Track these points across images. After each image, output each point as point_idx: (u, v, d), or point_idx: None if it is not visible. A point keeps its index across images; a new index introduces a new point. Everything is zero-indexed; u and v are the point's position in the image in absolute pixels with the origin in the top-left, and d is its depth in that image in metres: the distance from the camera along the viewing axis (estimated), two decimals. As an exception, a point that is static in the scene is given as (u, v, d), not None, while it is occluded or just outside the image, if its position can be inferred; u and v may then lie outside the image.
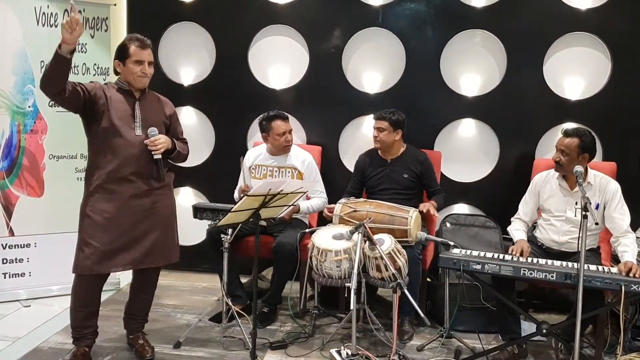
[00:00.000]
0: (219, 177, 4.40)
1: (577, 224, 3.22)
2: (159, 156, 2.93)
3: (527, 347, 3.23)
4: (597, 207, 3.23)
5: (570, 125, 4.05)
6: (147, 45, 2.92)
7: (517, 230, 3.38)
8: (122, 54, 2.90)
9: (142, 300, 3.21)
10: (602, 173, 3.33)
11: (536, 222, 3.50)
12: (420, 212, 3.54)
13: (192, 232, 4.34)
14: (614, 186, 3.26)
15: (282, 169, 3.88)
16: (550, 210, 3.35)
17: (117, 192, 2.89)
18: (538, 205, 3.43)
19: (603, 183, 3.26)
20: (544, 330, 2.98)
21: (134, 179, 2.91)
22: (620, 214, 3.21)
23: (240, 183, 3.84)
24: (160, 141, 2.91)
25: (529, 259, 3.05)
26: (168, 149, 2.97)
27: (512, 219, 3.48)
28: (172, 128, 3.10)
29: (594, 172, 3.30)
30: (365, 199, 3.74)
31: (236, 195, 3.88)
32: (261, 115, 3.88)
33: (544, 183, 3.41)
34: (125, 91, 2.94)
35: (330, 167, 4.31)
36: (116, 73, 2.98)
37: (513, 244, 3.39)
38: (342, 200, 3.66)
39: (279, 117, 3.79)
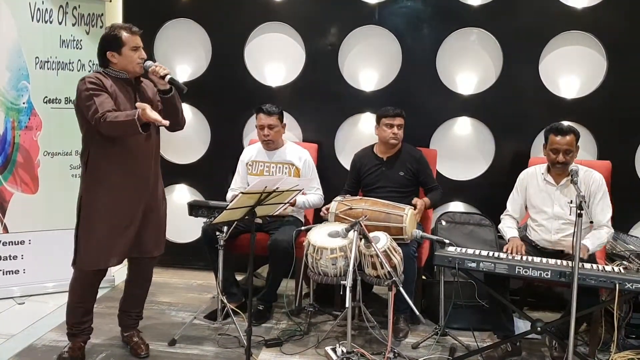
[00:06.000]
0: (214, 174, 4.39)
1: (566, 218, 3.25)
2: (169, 76, 2.82)
3: (520, 345, 3.24)
4: None
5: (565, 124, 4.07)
6: (136, 31, 2.89)
7: (508, 227, 3.40)
8: (114, 43, 2.84)
9: (137, 296, 3.21)
10: (585, 167, 3.33)
11: (526, 224, 3.51)
12: (414, 206, 3.56)
13: (187, 229, 4.34)
14: (599, 179, 3.27)
15: (278, 165, 3.88)
16: (537, 205, 3.36)
17: (119, 183, 2.88)
18: (526, 202, 3.44)
19: (587, 176, 3.28)
20: (539, 328, 2.98)
21: (142, 167, 2.92)
22: (601, 209, 3.23)
23: (235, 184, 3.86)
24: (161, 66, 2.84)
25: (524, 257, 3.06)
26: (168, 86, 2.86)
27: (501, 216, 3.50)
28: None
29: (577, 165, 3.31)
30: (360, 197, 3.75)
31: (229, 196, 3.87)
32: None
33: (530, 179, 3.43)
34: (124, 80, 2.90)
35: (326, 164, 4.31)
36: (105, 65, 2.89)
37: (505, 241, 3.40)
38: (338, 197, 3.66)
39: (263, 110, 3.80)
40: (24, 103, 3.88)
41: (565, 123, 3.36)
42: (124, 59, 2.86)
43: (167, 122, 2.71)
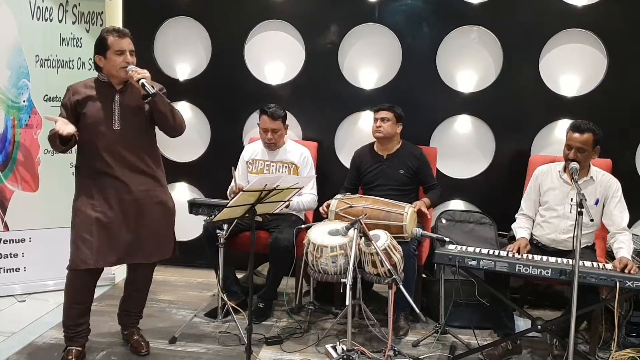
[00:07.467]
0: (214, 172, 4.38)
1: (574, 219, 3.24)
2: (142, 80, 2.78)
3: (521, 343, 3.24)
4: (596, 203, 3.24)
5: (566, 123, 4.06)
6: (125, 34, 2.87)
7: (520, 228, 3.38)
8: (101, 47, 2.86)
9: (136, 297, 3.20)
10: (604, 170, 3.33)
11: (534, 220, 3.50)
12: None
13: (187, 227, 4.33)
14: (616, 184, 3.27)
15: (278, 164, 3.88)
16: (549, 202, 3.34)
17: (105, 186, 2.88)
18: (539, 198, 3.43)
19: (605, 180, 3.27)
20: (539, 327, 2.98)
21: (119, 173, 2.89)
22: (619, 211, 3.22)
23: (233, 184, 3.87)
24: (141, 70, 2.83)
25: (524, 255, 3.05)
26: (151, 93, 2.80)
27: (516, 215, 3.48)
28: None
29: (596, 168, 3.30)
30: (361, 195, 3.75)
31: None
32: None
33: (545, 175, 3.40)
34: (105, 84, 2.91)
35: (326, 162, 4.31)
36: (97, 69, 2.92)
37: (506, 240, 3.39)
38: (338, 195, 3.66)
39: (267, 113, 3.76)
40: (24, 101, 3.88)
41: (579, 121, 3.31)
42: (107, 62, 2.87)
43: (67, 132, 2.68)
